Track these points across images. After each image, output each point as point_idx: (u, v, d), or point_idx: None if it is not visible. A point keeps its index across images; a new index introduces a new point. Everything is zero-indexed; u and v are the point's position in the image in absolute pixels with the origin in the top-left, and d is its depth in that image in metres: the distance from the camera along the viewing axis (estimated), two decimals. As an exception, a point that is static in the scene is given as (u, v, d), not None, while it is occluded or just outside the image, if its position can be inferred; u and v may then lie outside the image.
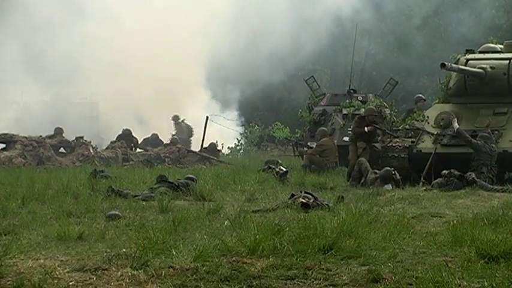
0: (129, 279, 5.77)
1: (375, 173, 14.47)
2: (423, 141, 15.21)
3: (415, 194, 12.26)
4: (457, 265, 6.25)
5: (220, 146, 24.57)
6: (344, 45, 31.17)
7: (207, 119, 24.30)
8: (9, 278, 5.75)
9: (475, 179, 13.24)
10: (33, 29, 26.20)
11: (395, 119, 18.37)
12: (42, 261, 6.29)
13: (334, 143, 18.34)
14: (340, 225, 7.62)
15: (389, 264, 6.28)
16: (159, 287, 5.68)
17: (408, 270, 6.09)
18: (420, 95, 19.86)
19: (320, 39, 30.40)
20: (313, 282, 5.83)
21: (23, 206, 10.05)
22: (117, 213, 9.21)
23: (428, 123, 15.53)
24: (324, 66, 35.71)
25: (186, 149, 23.44)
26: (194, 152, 23.16)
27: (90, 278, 5.82)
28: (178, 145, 23.47)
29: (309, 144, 19.10)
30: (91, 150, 21.94)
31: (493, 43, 17.08)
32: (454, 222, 8.34)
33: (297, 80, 30.83)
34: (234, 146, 28.12)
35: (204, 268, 6.05)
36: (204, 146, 23.50)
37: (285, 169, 15.44)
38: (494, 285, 5.57)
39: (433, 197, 11.93)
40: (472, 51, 16.41)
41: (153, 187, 11.92)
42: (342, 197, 11.45)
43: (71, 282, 5.72)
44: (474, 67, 15.64)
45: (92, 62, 26.81)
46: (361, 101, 20.02)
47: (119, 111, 26.83)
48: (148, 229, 7.78)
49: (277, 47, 28.96)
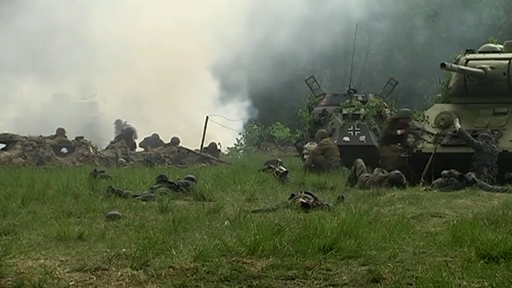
0: (129, 279, 5.77)
1: (382, 172, 14.27)
2: (423, 141, 15.22)
3: (415, 194, 12.24)
4: (457, 265, 6.24)
5: (220, 146, 24.59)
6: (344, 45, 31.23)
7: (207, 118, 24.31)
8: (9, 278, 5.75)
9: (475, 179, 13.21)
10: (33, 28, 26.23)
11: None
12: (42, 261, 6.28)
13: (334, 143, 18.34)
14: (340, 225, 7.61)
15: (389, 264, 6.28)
16: (159, 287, 5.68)
17: (408, 270, 6.08)
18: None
19: (320, 39, 30.43)
20: (313, 282, 5.83)
21: (23, 206, 10.03)
22: (117, 213, 9.19)
23: (428, 123, 15.52)
24: (324, 66, 35.75)
25: (186, 148, 23.44)
26: (194, 152, 23.17)
27: (90, 278, 5.82)
28: (179, 145, 23.51)
29: (305, 146, 19.00)
30: (91, 150, 21.94)
31: (493, 43, 17.08)
32: (454, 222, 8.32)
33: (297, 80, 30.86)
34: (234, 146, 28.14)
35: (204, 268, 6.04)
36: (204, 146, 23.53)
37: (285, 169, 15.43)
38: (494, 285, 5.56)
39: (433, 197, 11.91)
40: (472, 51, 16.40)
41: (153, 187, 11.91)
42: (342, 197, 11.43)
43: (71, 282, 5.72)
44: (474, 67, 15.63)
45: (92, 62, 26.84)
46: (361, 101, 19.98)
47: (119, 111, 26.87)
48: (148, 229, 7.77)
49: (277, 47, 28.99)
